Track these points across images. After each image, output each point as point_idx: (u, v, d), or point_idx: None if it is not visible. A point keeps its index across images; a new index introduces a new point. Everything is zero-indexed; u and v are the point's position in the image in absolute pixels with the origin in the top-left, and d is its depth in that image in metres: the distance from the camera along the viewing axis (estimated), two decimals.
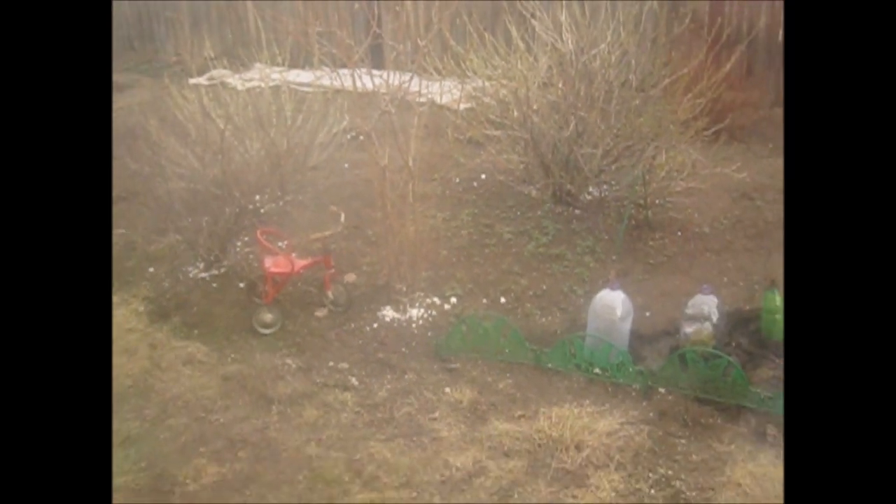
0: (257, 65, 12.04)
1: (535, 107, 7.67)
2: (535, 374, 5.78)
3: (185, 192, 7.15)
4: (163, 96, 9.03)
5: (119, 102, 12.84)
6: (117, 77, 14.36)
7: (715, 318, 5.81)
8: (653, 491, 4.74)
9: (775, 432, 5.06)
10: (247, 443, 5.18)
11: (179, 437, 5.34)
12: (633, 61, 7.81)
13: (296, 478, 4.91)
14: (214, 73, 13.12)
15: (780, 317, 5.95)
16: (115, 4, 14.58)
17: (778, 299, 5.98)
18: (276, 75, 9.30)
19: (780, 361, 5.59)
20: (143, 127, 7.50)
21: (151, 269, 7.63)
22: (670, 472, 4.85)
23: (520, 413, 5.40)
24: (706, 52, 8.05)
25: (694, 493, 4.71)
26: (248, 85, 10.01)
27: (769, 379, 5.51)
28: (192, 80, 10.74)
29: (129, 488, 4.90)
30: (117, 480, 4.92)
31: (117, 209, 8.55)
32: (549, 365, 5.85)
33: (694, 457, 4.96)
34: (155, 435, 5.36)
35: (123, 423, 5.47)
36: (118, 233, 8.22)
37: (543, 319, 6.53)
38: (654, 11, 8.38)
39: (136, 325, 6.62)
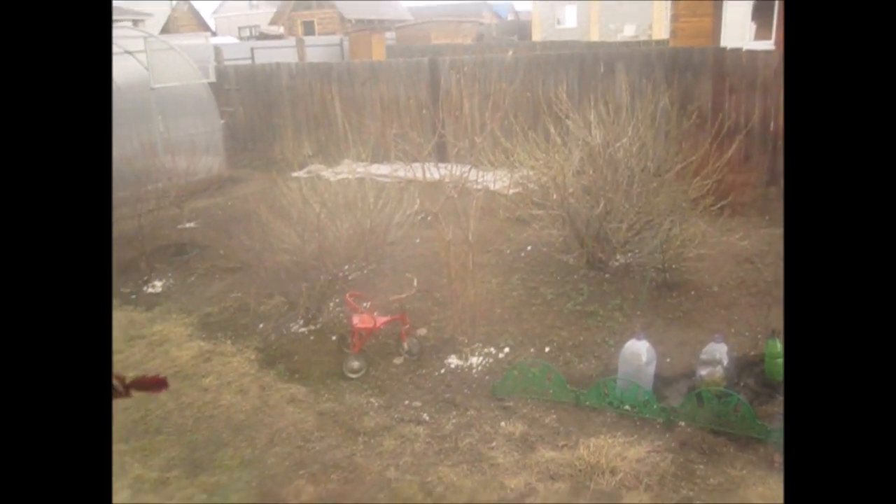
0: (346, 160, 12.27)
1: (570, 190, 7.66)
2: (575, 411, 5.69)
3: (289, 264, 7.17)
4: (271, 187, 9.23)
5: (236, 192, 13.17)
6: (235, 172, 14.74)
7: (725, 362, 5.69)
8: None
9: (780, 459, 4.89)
10: (338, 467, 5.16)
11: (283, 462, 5.33)
12: (650, 151, 7.81)
13: (377, 496, 4.87)
14: (311, 167, 13.43)
15: (780, 360, 5.82)
16: (231, 114, 15.03)
17: (778, 345, 5.86)
18: (361, 168, 9.44)
19: (782, 398, 5.41)
20: (255, 211, 7.57)
21: (261, 325, 7.64)
22: (691, 493, 4.72)
23: (563, 443, 5.32)
24: (710, 141, 8.03)
25: None
26: (339, 177, 10.21)
27: (773, 414, 5.37)
28: (294, 174, 10.94)
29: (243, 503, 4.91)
30: (233, 497, 4.95)
31: (234, 278, 8.79)
32: (587, 403, 5.75)
33: (711, 480, 4.83)
34: (264, 460, 5.36)
35: (238, 449, 5.48)
36: (235, 296, 8.36)
37: (581, 365, 6.44)
38: (666, 109, 8.38)
39: (248, 370, 6.64)
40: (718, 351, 5.75)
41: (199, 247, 10.11)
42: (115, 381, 1.49)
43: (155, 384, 1.52)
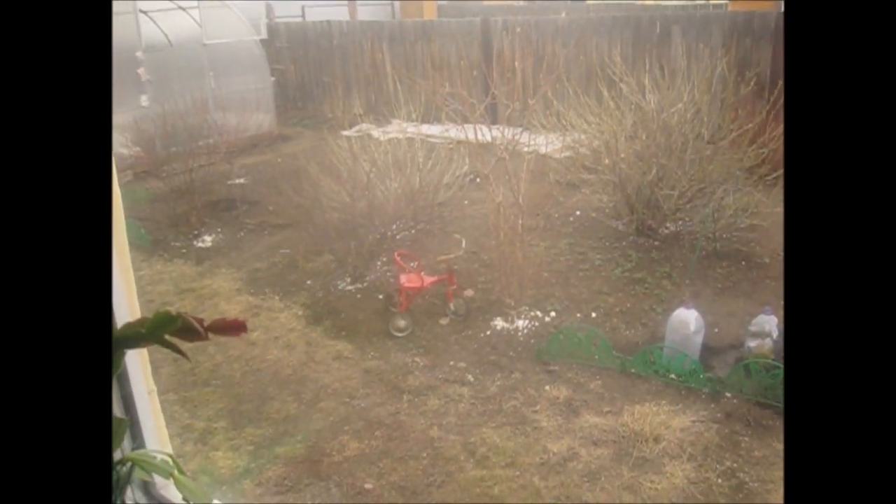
0: (395, 120, 12.23)
1: (622, 155, 7.54)
2: (620, 378, 5.64)
3: (338, 221, 7.13)
4: (321, 145, 9.24)
5: (286, 150, 13.20)
6: (284, 129, 14.78)
7: (775, 335, 5.59)
8: (720, 480, 4.56)
9: None
10: (382, 424, 5.17)
11: (328, 418, 5.34)
12: (705, 117, 7.65)
13: (420, 455, 4.87)
14: (362, 126, 13.40)
15: None
16: (282, 71, 15.05)
17: None
18: (411, 128, 9.39)
19: None
20: (305, 169, 7.55)
21: (309, 282, 7.59)
22: (735, 465, 4.67)
23: (607, 409, 5.28)
24: (768, 110, 7.82)
25: (756, 485, 4.50)
26: (389, 136, 10.17)
27: None
28: (344, 132, 10.96)
29: (288, 456, 4.96)
30: (278, 450, 5.01)
31: (283, 234, 8.77)
32: (633, 370, 5.70)
33: (756, 453, 4.77)
34: (309, 415, 5.38)
35: (284, 404, 5.52)
36: (283, 252, 8.35)
37: (628, 332, 6.37)
38: (723, 75, 8.16)
39: (296, 325, 6.64)
40: (768, 323, 5.66)
41: (249, 202, 10.14)
42: (194, 323, 1.46)
43: (233, 327, 1.49)
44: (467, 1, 22.27)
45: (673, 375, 5.64)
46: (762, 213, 7.61)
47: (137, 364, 1.97)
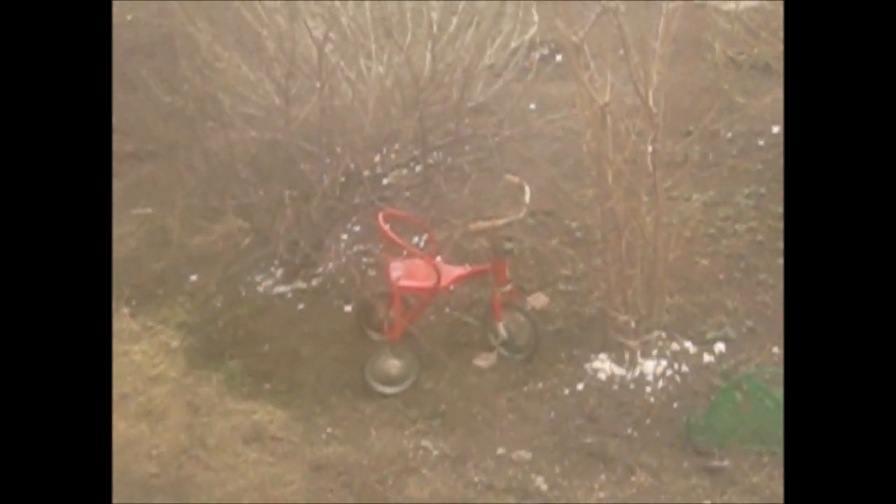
0: None
1: None
2: None
3: (255, 146, 4.83)
4: None
5: None
6: None
7: None
8: None
9: None
10: None
11: None
12: None
13: None
14: None
15: None
16: None
17: None
18: None
19: None
20: (189, 34, 4.86)
21: (194, 278, 5.17)
22: None
23: None
24: None
25: None
26: None
27: None
28: None
29: None
30: None
31: (141, 173, 6.23)
32: None
33: None
34: None
35: None
36: (140, 213, 5.79)
37: None
38: None
39: (165, 369, 4.64)
40: None
41: None
42: None
43: None
44: None
45: None
46: None
47: None
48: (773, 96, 5.66)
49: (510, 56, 5.41)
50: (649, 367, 4.31)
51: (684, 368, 4.32)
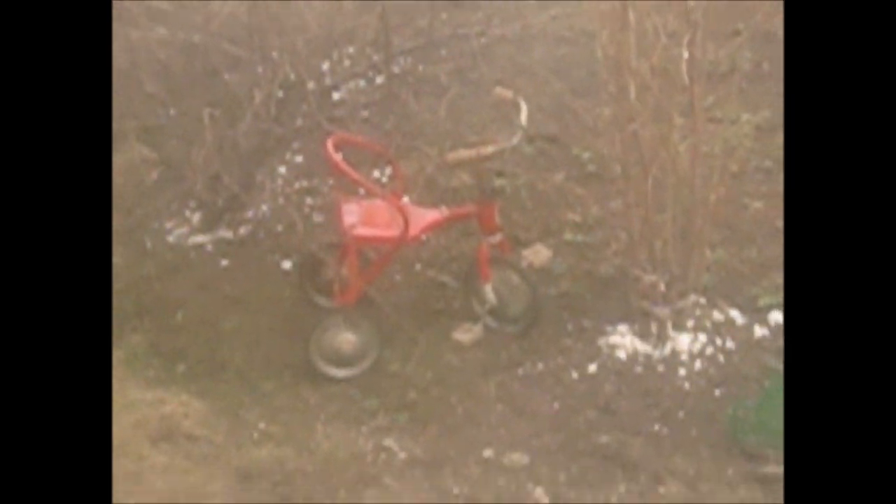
0: None
1: None
2: None
3: (164, 50, 4.28)
4: None
5: None
6: None
7: None
8: None
9: None
10: None
11: None
12: None
13: None
14: None
15: None
16: None
17: None
18: None
19: None
20: None
21: None
22: None
23: None
24: None
25: None
26: None
27: None
28: None
29: None
30: None
31: None
32: None
33: None
34: None
35: None
36: None
37: None
38: None
39: None
40: None
41: None
42: None
43: None
44: None
45: None
46: None
47: None
48: None
49: None
50: (683, 342, 3.72)
51: (729, 345, 3.74)
